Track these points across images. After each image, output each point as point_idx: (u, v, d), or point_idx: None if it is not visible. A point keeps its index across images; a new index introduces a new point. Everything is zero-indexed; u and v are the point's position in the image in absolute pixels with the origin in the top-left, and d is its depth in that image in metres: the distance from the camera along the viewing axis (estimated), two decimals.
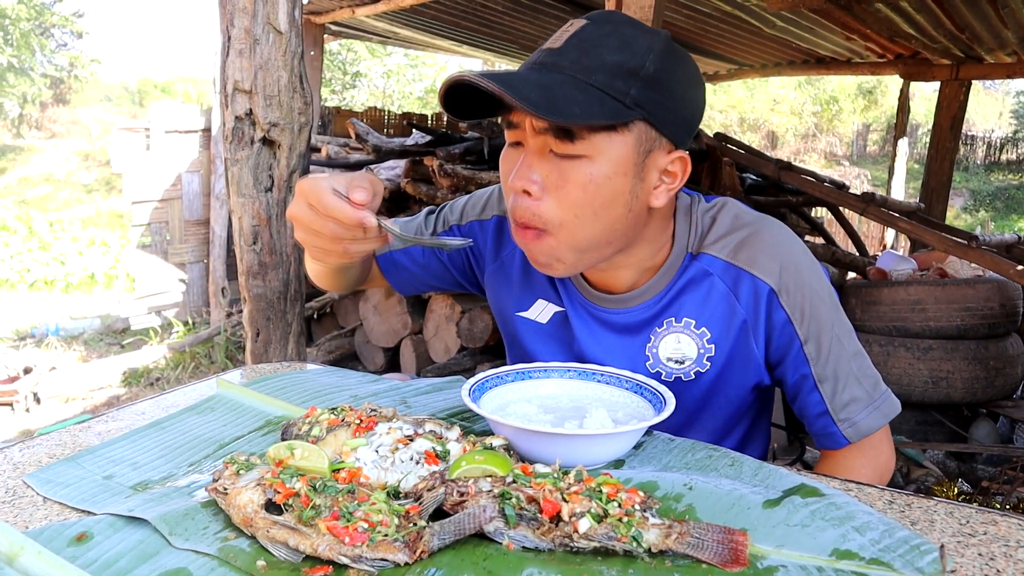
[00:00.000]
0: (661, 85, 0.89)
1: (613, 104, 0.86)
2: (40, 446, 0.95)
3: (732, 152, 4.42)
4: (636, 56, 0.88)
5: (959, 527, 0.73)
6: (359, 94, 17.65)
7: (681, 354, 1.04)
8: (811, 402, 1.03)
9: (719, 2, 4.83)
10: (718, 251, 1.02)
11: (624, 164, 0.90)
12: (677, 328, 1.04)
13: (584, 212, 0.90)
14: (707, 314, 1.03)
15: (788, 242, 1.03)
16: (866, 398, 1.02)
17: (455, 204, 1.24)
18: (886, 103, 18.03)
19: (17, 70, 16.20)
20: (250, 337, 2.41)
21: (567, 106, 0.83)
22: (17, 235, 10.48)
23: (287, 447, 0.78)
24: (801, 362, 1.02)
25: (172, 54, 54.63)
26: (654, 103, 0.89)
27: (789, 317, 1.00)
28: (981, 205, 15.23)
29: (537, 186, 0.90)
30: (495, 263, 1.18)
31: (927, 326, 3.22)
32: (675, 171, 0.95)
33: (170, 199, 6.30)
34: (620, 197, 0.91)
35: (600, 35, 0.89)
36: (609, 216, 0.92)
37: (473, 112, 0.93)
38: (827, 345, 1.01)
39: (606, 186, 0.89)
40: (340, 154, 5.30)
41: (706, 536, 0.66)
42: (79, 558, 0.66)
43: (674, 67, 0.91)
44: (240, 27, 2.16)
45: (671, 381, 1.05)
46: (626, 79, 0.87)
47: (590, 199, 0.90)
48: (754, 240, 1.02)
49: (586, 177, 0.88)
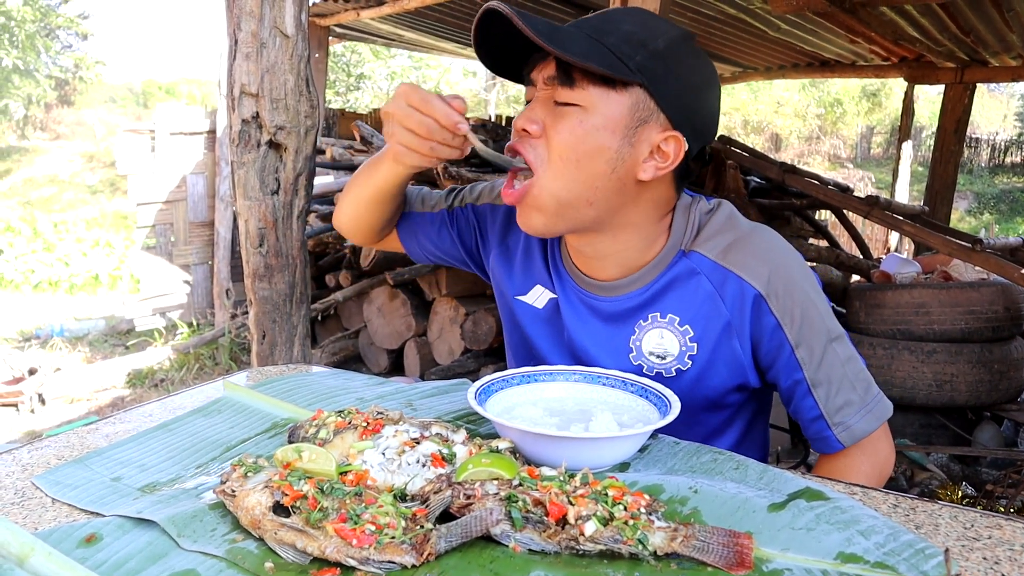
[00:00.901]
0: (667, 62, 0.94)
1: (615, 62, 0.92)
2: (48, 448, 0.95)
3: (736, 155, 4.42)
4: (650, 32, 0.94)
5: (964, 531, 0.73)
6: (363, 96, 17.70)
7: (663, 349, 1.05)
8: (805, 407, 1.03)
9: (723, 5, 4.83)
10: (708, 250, 1.03)
11: (615, 122, 0.94)
12: (661, 324, 1.05)
13: (567, 155, 0.95)
14: (691, 312, 1.03)
15: (779, 248, 1.04)
16: (859, 402, 1.03)
17: (475, 186, 1.29)
18: (890, 106, 18.01)
19: (22, 72, 16.27)
20: (256, 339, 2.42)
21: (570, 44, 0.90)
22: (22, 236, 10.51)
23: (294, 450, 0.78)
24: (794, 367, 1.02)
25: (176, 56, 54.80)
26: (656, 76, 0.94)
27: (779, 322, 1.00)
28: (985, 208, 15.20)
29: (536, 126, 0.96)
30: (500, 247, 1.22)
31: (931, 329, 3.22)
32: (667, 151, 0.97)
33: (175, 201, 6.32)
34: (604, 153, 0.95)
35: (624, 13, 0.97)
36: (591, 169, 0.96)
37: (502, 63, 1.02)
38: (820, 350, 1.01)
39: (593, 136, 0.94)
40: (344, 156, 5.31)
41: (711, 539, 0.66)
42: (88, 559, 0.67)
43: (685, 54, 0.96)
44: (247, 31, 2.17)
45: (652, 376, 1.05)
46: (634, 47, 0.93)
47: (575, 144, 0.94)
48: (745, 243, 1.03)
49: (576, 122, 0.94)
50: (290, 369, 1.29)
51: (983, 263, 3.41)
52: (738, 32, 5.65)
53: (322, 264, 5.26)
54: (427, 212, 1.27)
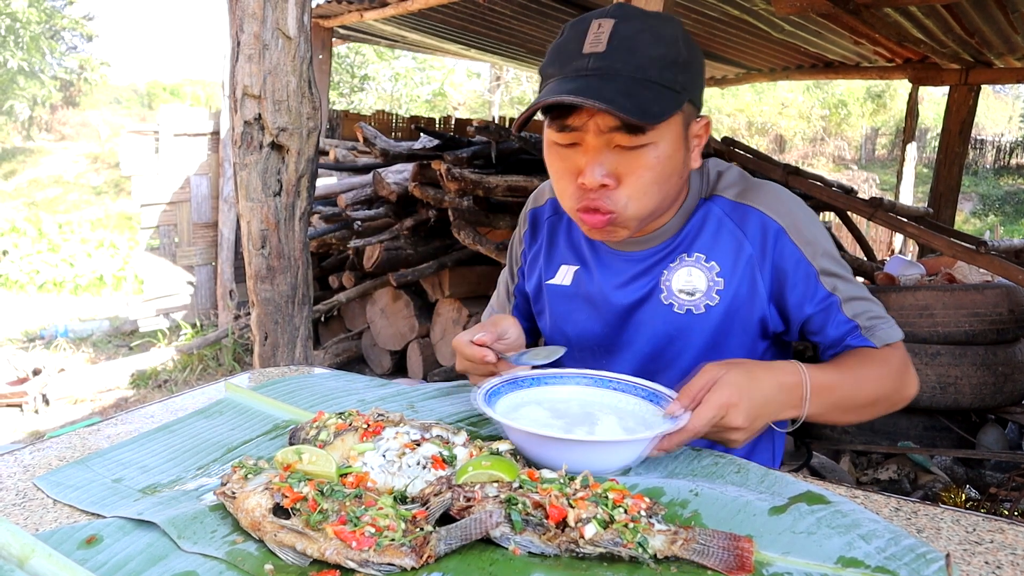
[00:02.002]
0: (692, 66, 1.02)
1: (670, 94, 0.98)
2: (50, 449, 0.95)
3: (739, 156, 4.41)
4: (672, 46, 0.99)
5: (966, 535, 0.73)
6: (367, 97, 17.72)
7: (692, 286, 1.11)
8: (838, 322, 1.08)
9: (727, 6, 4.83)
10: (727, 194, 1.12)
11: (678, 140, 1.02)
12: (688, 262, 1.11)
13: (652, 189, 1.02)
14: (717, 249, 1.11)
15: (791, 195, 1.13)
16: (884, 315, 1.10)
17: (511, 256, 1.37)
18: (895, 107, 17.98)
19: (27, 73, 16.32)
20: (258, 341, 2.42)
21: (650, 107, 0.95)
22: (27, 237, 10.54)
23: (295, 451, 0.79)
24: (822, 291, 1.08)
25: (181, 57, 54.98)
26: (692, 83, 1.02)
27: (802, 253, 1.07)
28: (990, 209, 15.16)
29: (611, 179, 1.01)
30: (531, 252, 1.31)
31: (935, 331, 3.20)
32: (701, 133, 1.08)
33: (179, 202, 6.33)
34: (676, 168, 1.04)
35: (633, 32, 0.98)
36: (668, 186, 1.05)
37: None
38: (841, 276, 1.10)
39: (669, 163, 1.02)
40: (348, 157, 5.32)
41: (712, 543, 0.66)
42: (89, 560, 0.67)
43: (694, 47, 1.04)
44: (250, 32, 2.18)
45: (683, 314, 1.11)
46: (672, 69, 0.98)
47: (657, 177, 1.02)
48: (760, 187, 1.13)
49: (654, 160, 1.00)
50: (292, 370, 1.29)
51: (987, 265, 3.39)
52: (741, 33, 5.64)
53: (325, 265, 5.26)
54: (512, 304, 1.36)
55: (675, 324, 1.11)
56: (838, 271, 1.09)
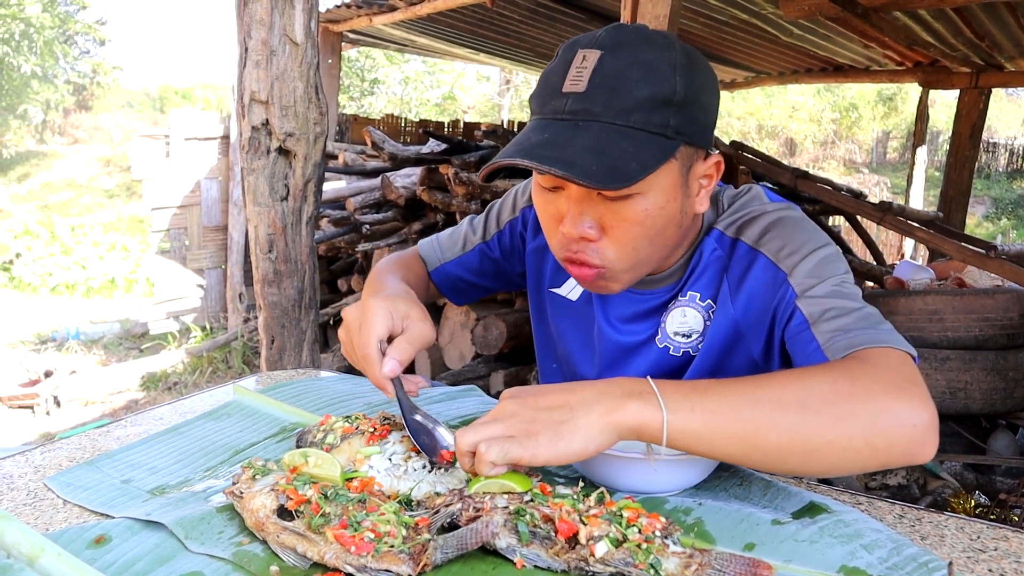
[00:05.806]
0: (692, 103, 0.88)
1: (659, 142, 0.86)
2: (60, 450, 0.97)
3: (748, 160, 4.40)
4: (665, 82, 0.86)
5: (970, 543, 0.73)
6: (377, 101, 17.77)
7: (688, 328, 1.03)
8: (804, 340, 0.91)
9: (735, 10, 4.82)
10: (723, 226, 1.02)
11: (673, 189, 0.90)
12: (683, 302, 1.03)
13: (641, 243, 0.92)
14: (709, 285, 1.02)
15: (798, 222, 0.99)
16: (869, 325, 0.87)
17: (502, 203, 1.24)
18: (906, 110, 17.86)
19: (41, 77, 16.46)
20: (265, 344, 2.44)
21: (625, 165, 0.83)
22: (40, 240, 10.64)
23: (302, 454, 0.79)
24: (798, 315, 0.92)
25: (192, 60, 55.34)
26: (690, 123, 0.88)
27: (786, 276, 0.94)
28: (1003, 213, 15.04)
29: (594, 230, 0.90)
30: (534, 243, 1.20)
31: (945, 336, 3.18)
32: (710, 173, 0.96)
33: (189, 205, 6.37)
34: (672, 219, 0.93)
35: (621, 67, 0.86)
36: (663, 238, 0.94)
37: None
38: (823, 294, 0.92)
39: (660, 215, 0.90)
40: (357, 161, 5.34)
41: (728, 568, 0.63)
42: (97, 560, 0.68)
43: (698, 79, 0.89)
44: (257, 38, 2.20)
45: (679, 356, 1.03)
46: (662, 111, 0.86)
47: (647, 231, 0.91)
48: (760, 216, 1.00)
49: (642, 213, 0.89)
50: (299, 374, 1.30)
51: (998, 270, 3.37)
52: (751, 37, 5.63)
53: (334, 268, 5.29)
54: (462, 255, 1.24)
55: (669, 367, 1.04)
56: (822, 291, 0.91)
